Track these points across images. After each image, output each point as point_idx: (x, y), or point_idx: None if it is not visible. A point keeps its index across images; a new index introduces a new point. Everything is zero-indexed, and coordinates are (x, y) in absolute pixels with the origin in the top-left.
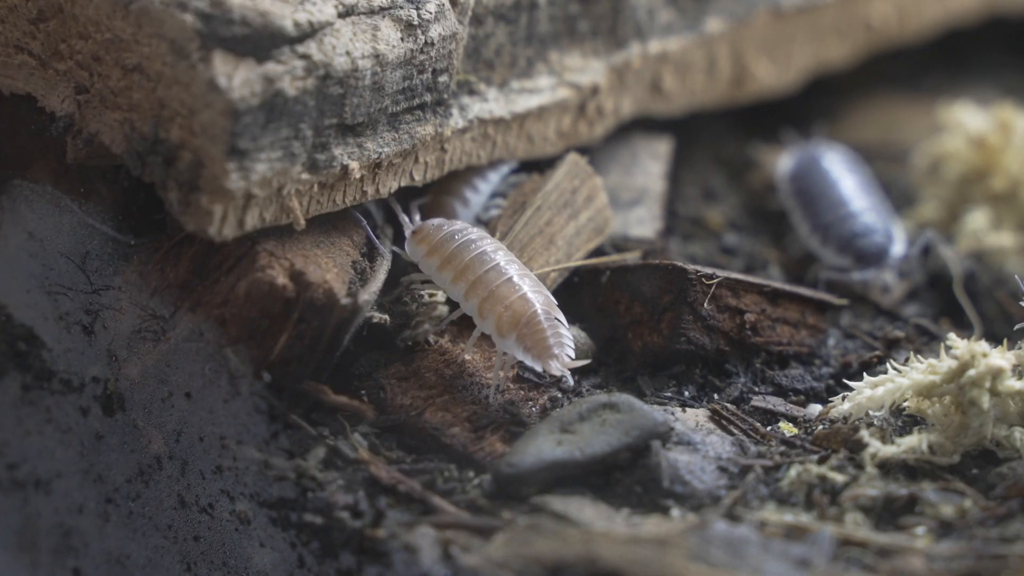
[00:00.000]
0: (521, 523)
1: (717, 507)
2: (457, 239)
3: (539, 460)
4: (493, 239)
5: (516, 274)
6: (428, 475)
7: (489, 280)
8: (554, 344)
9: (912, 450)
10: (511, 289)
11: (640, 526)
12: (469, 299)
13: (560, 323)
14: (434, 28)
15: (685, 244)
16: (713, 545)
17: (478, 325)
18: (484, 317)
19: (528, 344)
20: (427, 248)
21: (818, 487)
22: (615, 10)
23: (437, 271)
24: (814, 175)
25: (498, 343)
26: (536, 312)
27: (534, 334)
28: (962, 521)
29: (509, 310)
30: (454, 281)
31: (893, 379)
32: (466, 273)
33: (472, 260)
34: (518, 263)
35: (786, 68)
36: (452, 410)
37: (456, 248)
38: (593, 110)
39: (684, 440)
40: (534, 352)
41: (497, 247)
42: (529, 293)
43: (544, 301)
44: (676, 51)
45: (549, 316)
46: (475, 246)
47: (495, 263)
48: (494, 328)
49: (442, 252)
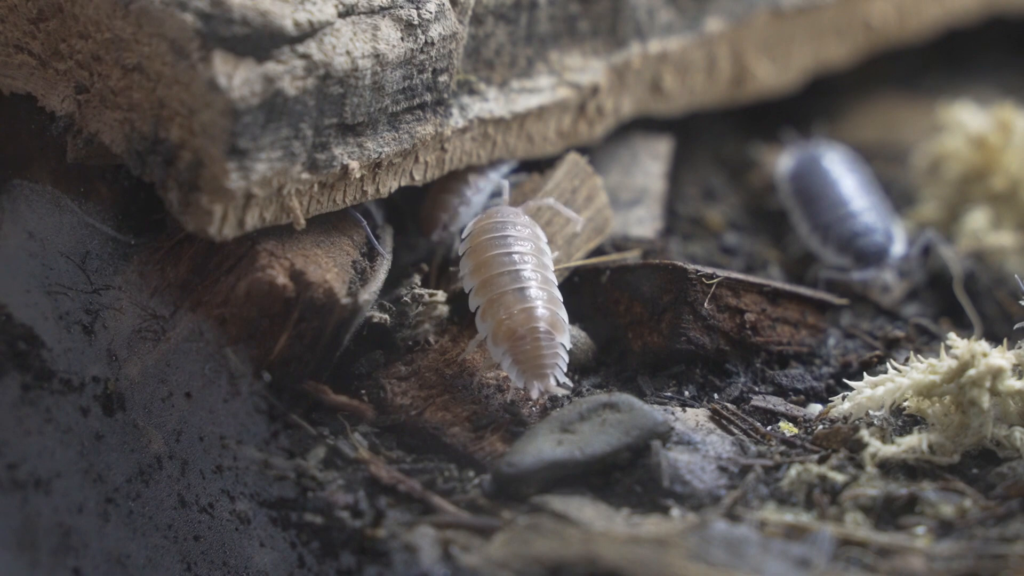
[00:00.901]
0: (521, 523)
1: (717, 507)
2: (493, 232)
3: (539, 460)
4: (537, 242)
5: (533, 285)
6: (428, 475)
7: (501, 284)
8: (542, 367)
9: (912, 450)
10: (519, 299)
11: (640, 526)
12: (476, 296)
13: (560, 346)
14: (434, 28)
15: (685, 244)
16: (713, 545)
17: (477, 325)
18: (484, 319)
19: (518, 359)
20: (469, 231)
21: (818, 487)
22: (615, 10)
23: (464, 257)
24: (814, 175)
25: (491, 349)
26: (535, 330)
27: (526, 352)
28: (962, 521)
29: (509, 320)
30: (471, 273)
31: (893, 379)
32: (482, 269)
33: (492, 258)
34: (547, 273)
35: (786, 68)
36: (452, 410)
37: (486, 240)
38: (593, 110)
39: (684, 440)
40: (521, 368)
41: (533, 251)
42: (536, 309)
43: (549, 319)
44: (676, 51)
45: (548, 337)
46: (505, 244)
47: (515, 268)
48: (491, 333)
49: (474, 239)
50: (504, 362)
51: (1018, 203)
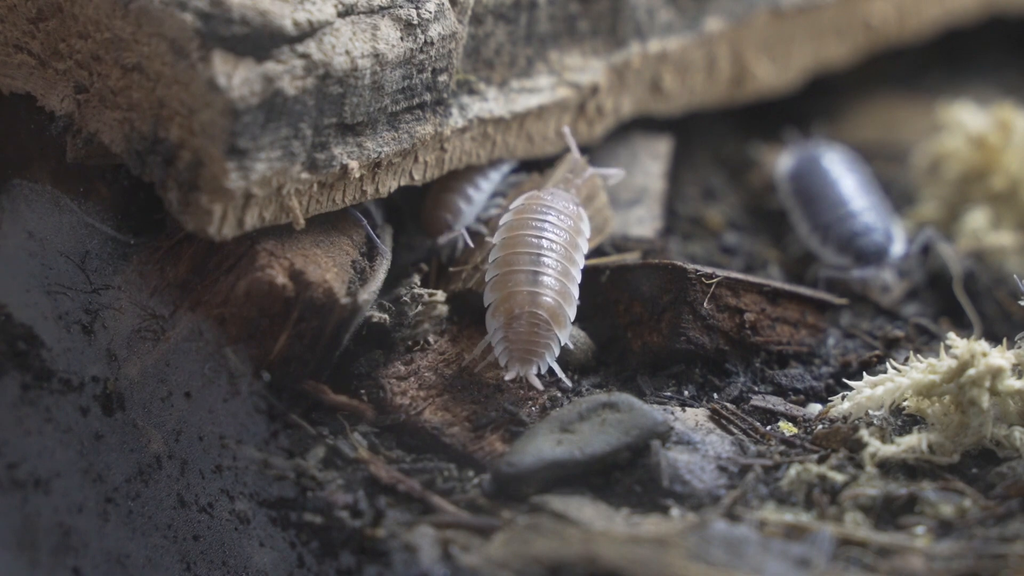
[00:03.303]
0: (521, 523)
1: (717, 507)
2: (536, 213)
3: (539, 459)
4: (575, 235)
5: (551, 274)
6: (428, 475)
7: (520, 261)
8: (528, 352)
9: (912, 449)
10: (530, 281)
11: (640, 526)
12: (495, 267)
13: (555, 339)
14: (434, 27)
15: (685, 244)
16: (713, 545)
17: (485, 293)
18: (492, 289)
19: (508, 336)
20: (518, 203)
21: (818, 486)
22: (615, 9)
23: (502, 227)
24: (814, 174)
25: (488, 320)
26: (535, 315)
27: (518, 333)
28: (962, 521)
29: (514, 297)
30: (501, 244)
31: (893, 378)
32: (508, 243)
33: (523, 236)
34: (571, 268)
35: (786, 68)
36: (452, 410)
37: (526, 218)
38: (593, 109)
39: (684, 439)
40: (508, 347)
41: (565, 243)
42: (543, 295)
43: (552, 309)
44: (676, 51)
45: (546, 326)
46: (540, 228)
47: (539, 253)
48: (493, 304)
49: (518, 213)
50: (495, 336)
51: (1018, 203)
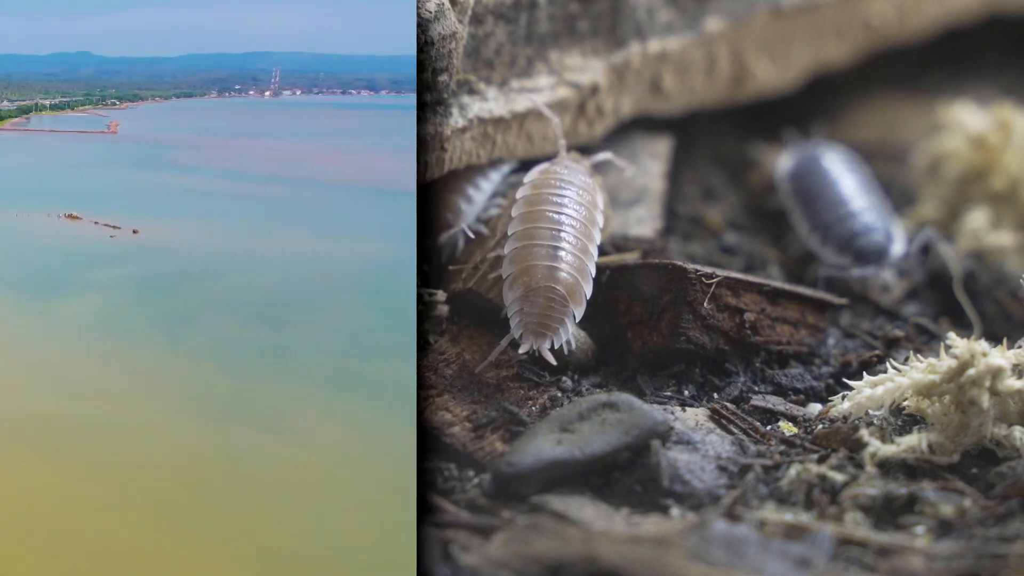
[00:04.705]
0: (521, 522)
1: (717, 506)
2: (554, 187)
3: (539, 459)
4: (592, 210)
5: (569, 250)
6: (428, 475)
7: (540, 236)
8: (543, 327)
9: (912, 449)
10: (550, 256)
11: (640, 525)
12: (514, 240)
13: (571, 315)
14: (433, 27)
15: (685, 244)
16: (712, 544)
17: (503, 266)
18: (512, 262)
19: (524, 309)
20: (532, 178)
21: (818, 486)
22: (615, 9)
23: (520, 200)
24: (814, 174)
25: (504, 292)
26: (552, 289)
27: (536, 306)
28: (962, 521)
29: (533, 270)
30: (520, 218)
31: (893, 378)
32: (528, 217)
33: (542, 211)
34: (589, 245)
35: (786, 67)
36: (452, 410)
37: (545, 193)
38: (593, 109)
39: (684, 439)
40: (524, 320)
41: (585, 219)
42: (561, 271)
43: (569, 285)
44: (676, 50)
45: (563, 302)
46: (560, 203)
47: (559, 228)
48: (511, 276)
49: (536, 187)
50: (511, 308)
51: (1018, 203)
